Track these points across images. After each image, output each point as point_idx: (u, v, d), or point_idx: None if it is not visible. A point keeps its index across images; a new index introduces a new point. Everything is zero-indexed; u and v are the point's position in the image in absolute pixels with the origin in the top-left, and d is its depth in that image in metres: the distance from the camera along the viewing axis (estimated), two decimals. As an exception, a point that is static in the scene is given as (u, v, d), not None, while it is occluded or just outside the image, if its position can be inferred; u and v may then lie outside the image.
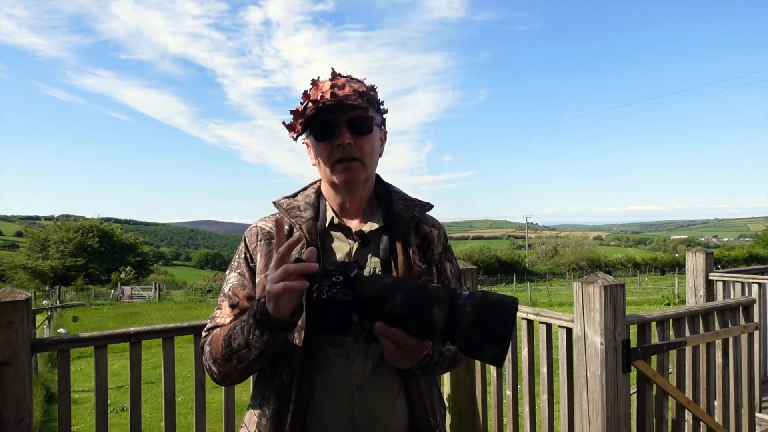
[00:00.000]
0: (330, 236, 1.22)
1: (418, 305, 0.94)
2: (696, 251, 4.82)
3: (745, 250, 61.94)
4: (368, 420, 1.13)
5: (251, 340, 1.03)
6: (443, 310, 0.92)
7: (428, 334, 0.95)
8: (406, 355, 1.01)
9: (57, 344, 2.05)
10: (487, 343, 0.88)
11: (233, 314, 1.18)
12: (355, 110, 1.16)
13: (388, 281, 0.99)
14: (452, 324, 0.91)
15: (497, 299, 0.90)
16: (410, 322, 0.95)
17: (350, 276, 0.99)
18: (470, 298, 0.91)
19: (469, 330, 0.89)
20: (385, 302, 0.96)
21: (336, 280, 0.98)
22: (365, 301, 0.97)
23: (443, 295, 0.94)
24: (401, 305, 0.95)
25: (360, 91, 1.15)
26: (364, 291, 0.98)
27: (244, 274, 1.22)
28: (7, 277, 49.00)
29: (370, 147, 1.19)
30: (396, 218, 1.24)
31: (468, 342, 0.90)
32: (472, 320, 0.89)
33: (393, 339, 0.98)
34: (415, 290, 0.96)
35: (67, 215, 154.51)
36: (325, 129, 1.16)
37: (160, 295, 35.22)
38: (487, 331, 0.88)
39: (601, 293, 2.23)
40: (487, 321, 0.88)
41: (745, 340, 2.95)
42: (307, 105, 1.16)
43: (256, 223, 1.28)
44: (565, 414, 2.54)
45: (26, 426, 1.88)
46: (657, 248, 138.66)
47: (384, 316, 0.97)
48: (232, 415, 2.34)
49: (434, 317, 0.92)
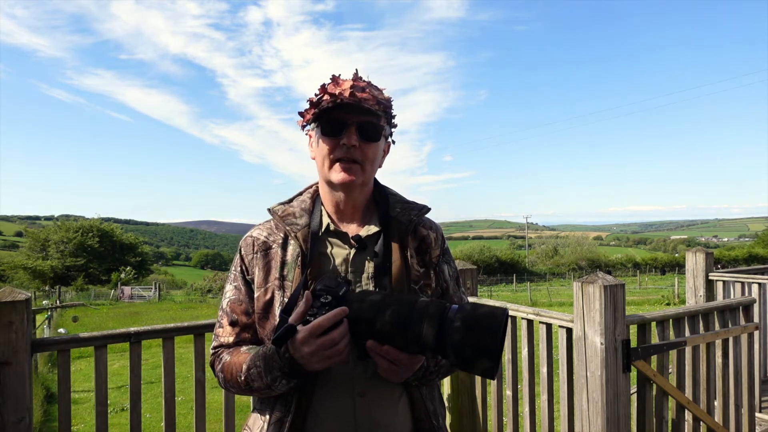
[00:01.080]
0: (326, 242, 1.21)
1: (407, 322, 0.95)
2: (696, 251, 4.82)
3: (745, 250, 61.94)
4: (371, 426, 1.13)
5: (275, 386, 1.08)
6: (433, 325, 0.93)
7: (419, 350, 0.96)
8: (399, 371, 1.03)
9: (57, 344, 2.05)
10: (477, 357, 0.89)
11: (234, 332, 1.21)
12: (368, 115, 1.16)
13: (376, 298, 1.00)
14: (442, 339, 0.92)
15: (486, 312, 0.91)
16: (400, 339, 0.96)
17: (339, 295, 1.00)
18: (459, 312, 0.92)
19: (459, 345, 0.90)
20: (375, 321, 0.97)
21: (324, 301, 0.99)
22: (356, 319, 0.98)
23: (432, 310, 0.94)
24: (390, 323, 0.96)
25: (378, 99, 1.15)
26: (353, 310, 0.98)
27: (240, 288, 1.23)
28: (7, 277, 49.00)
29: (373, 154, 1.19)
30: (393, 222, 1.24)
31: (458, 356, 0.91)
32: (462, 335, 0.90)
33: (385, 356, 0.99)
34: (403, 307, 0.97)
35: (67, 215, 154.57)
36: (334, 125, 1.16)
37: (160, 295, 35.22)
38: (477, 346, 0.89)
39: (601, 293, 2.23)
40: (477, 335, 0.89)
41: (745, 340, 2.94)
42: (322, 97, 1.15)
43: (251, 233, 1.27)
44: (565, 414, 2.54)
45: (26, 426, 1.88)
46: (657, 248, 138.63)
47: (374, 334, 0.98)
48: (232, 416, 2.34)
49: (424, 333, 0.93)
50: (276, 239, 1.23)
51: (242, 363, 1.12)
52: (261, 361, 1.07)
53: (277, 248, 1.21)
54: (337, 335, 0.97)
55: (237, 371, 1.12)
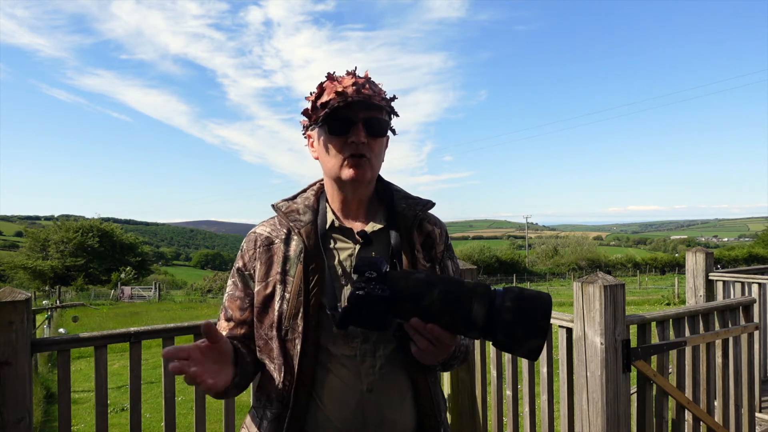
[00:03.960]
0: (331, 238, 1.22)
1: (457, 300, 0.94)
2: (696, 251, 4.82)
3: (745, 250, 61.90)
4: (379, 420, 1.14)
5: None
6: (483, 305, 0.93)
7: (466, 329, 0.95)
8: (437, 351, 1.01)
9: (57, 344, 2.05)
10: (528, 336, 0.91)
11: (228, 327, 1.23)
12: (373, 111, 1.16)
13: (421, 276, 0.98)
14: (492, 319, 0.92)
15: (535, 294, 0.93)
16: (448, 318, 0.95)
17: (382, 271, 0.98)
18: (508, 293, 0.93)
19: (511, 325, 0.91)
20: (422, 298, 0.95)
21: (370, 276, 0.97)
22: (401, 296, 0.96)
23: (481, 290, 0.94)
24: (439, 301, 0.94)
25: (382, 94, 1.17)
26: (399, 286, 0.97)
27: (237, 284, 1.25)
28: (7, 277, 49.01)
29: (380, 149, 1.20)
30: (399, 217, 1.24)
31: (509, 336, 0.92)
32: (513, 314, 0.91)
33: (427, 335, 0.97)
34: (452, 286, 0.96)
35: (67, 215, 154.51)
36: (341, 124, 1.16)
37: (160, 295, 35.23)
38: (530, 325, 0.90)
39: (601, 293, 2.23)
40: (529, 315, 0.91)
41: (745, 340, 2.95)
42: (325, 99, 1.15)
43: (255, 229, 1.28)
44: (565, 414, 2.54)
45: (26, 426, 1.88)
46: (657, 248, 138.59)
47: (420, 312, 0.96)
48: (232, 415, 2.34)
49: (474, 312, 0.93)
50: (279, 235, 1.23)
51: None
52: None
53: (280, 243, 1.22)
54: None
55: None
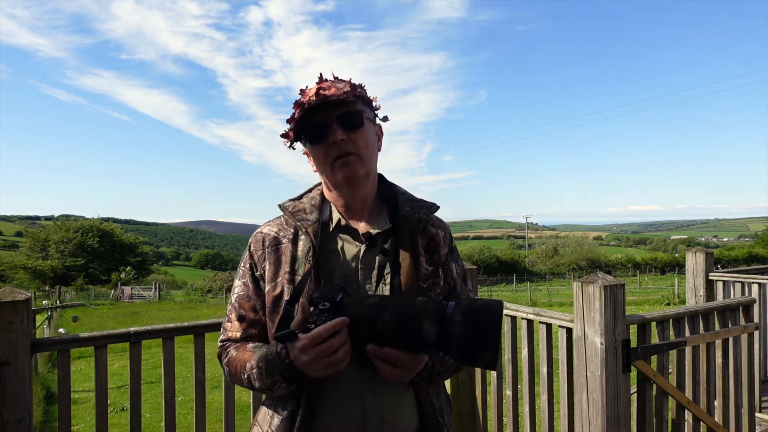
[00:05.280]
0: (337, 238, 1.22)
1: (408, 321, 0.95)
2: (696, 251, 4.82)
3: (745, 250, 61.87)
4: (379, 422, 1.14)
5: (276, 389, 1.10)
6: (434, 322, 0.94)
7: (422, 348, 0.97)
8: (401, 373, 1.03)
9: (57, 344, 2.06)
10: (480, 349, 0.91)
11: (242, 328, 1.23)
12: (344, 107, 1.16)
13: (374, 301, 1.01)
14: (444, 335, 0.93)
15: (484, 304, 0.93)
16: (402, 339, 0.97)
17: (336, 301, 1.01)
18: (458, 307, 0.94)
19: (462, 338, 0.91)
20: (374, 322, 0.98)
21: (323, 308, 1.00)
22: (356, 323, 0.99)
23: (431, 307, 0.95)
24: (391, 323, 0.96)
25: (345, 90, 1.15)
26: (351, 314, 0.99)
27: (248, 285, 1.24)
28: (7, 277, 49.00)
29: (365, 141, 1.19)
30: (403, 220, 1.24)
31: (462, 350, 0.92)
32: (463, 329, 0.91)
33: (386, 359, 1.00)
34: (402, 307, 0.98)
35: (67, 215, 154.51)
36: (316, 130, 1.16)
37: (160, 295, 35.22)
38: (480, 337, 0.91)
39: (601, 293, 2.23)
40: (478, 328, 0.91)
41: (745, 340, 2.94)
42: (294, 113, 1.18)
43: (261, 229, 1.28)
44: (565, 414, 2.54)
45: (26, 426, 1.88)
46: (657, 248, 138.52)
47: (375, 337, 0.98)
48: (232, 416, 2.34)
49: (425, 330, 0.94)
50: (286, 234, 1.24)
51: (246, 361, 1.13)
52: (263, 363, 1.09)
53: (288, 243, 1.22)
54: (336, 343, 0.98)
55: (241, 368, 1.14)
